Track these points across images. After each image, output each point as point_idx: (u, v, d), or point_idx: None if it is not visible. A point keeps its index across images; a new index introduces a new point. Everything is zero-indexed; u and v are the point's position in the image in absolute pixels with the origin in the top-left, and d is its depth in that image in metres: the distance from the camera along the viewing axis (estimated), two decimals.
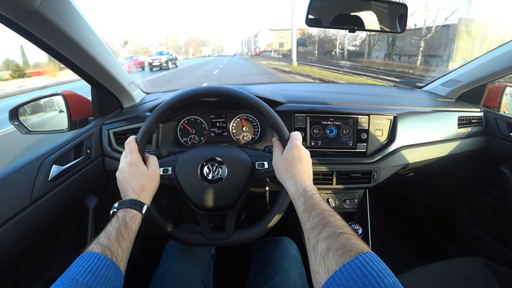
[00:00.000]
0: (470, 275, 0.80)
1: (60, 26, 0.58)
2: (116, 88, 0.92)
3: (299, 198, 0.51)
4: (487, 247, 1.16)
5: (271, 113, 0.64)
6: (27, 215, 0.62)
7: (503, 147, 1.04)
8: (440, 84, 1.23)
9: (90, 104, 0.96)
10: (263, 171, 0.66)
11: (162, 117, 0.65)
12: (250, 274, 0.78)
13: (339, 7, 0.90)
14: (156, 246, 0.86)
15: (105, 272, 0.41)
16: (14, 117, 0.86)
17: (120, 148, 0.90)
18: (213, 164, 0.67)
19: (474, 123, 1.08)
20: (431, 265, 0.82)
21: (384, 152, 0.92)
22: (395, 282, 0.32)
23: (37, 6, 0.50)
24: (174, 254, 0.73)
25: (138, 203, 0.54)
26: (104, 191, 0.89)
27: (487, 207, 1.18)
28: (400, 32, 0.90)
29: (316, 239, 0.41)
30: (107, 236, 0.46)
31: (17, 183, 0.62)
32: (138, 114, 0.94)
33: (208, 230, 0.66)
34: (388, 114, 0.94)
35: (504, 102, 1.14)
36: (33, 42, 0.61)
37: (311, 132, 0.92)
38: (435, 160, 1.00)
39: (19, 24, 0.53)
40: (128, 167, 0.58)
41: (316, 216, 0.45)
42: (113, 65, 0.83)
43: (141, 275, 0.80)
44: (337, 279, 0.34)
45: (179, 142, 0.95)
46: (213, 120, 0.96)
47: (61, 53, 0.67)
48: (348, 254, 0.36)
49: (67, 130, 0.90)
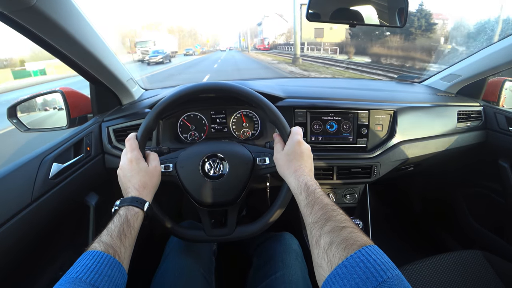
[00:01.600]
0: (469, 268, 0.81)
1: (58, 22, 0.57)
2: (115, 85, 0.92)
3: (301, 192, 0.51)
4: (486, 240, 1.18)
5: (272, 108, 0.64)
6: (28, 213, 0.61)
7: (502, 141, 1.05)
8: (440, 79, 1.23)
9: (89, 101, 0.95)
10: (265, 166, 0.67)
11: (162, 114, 0.65)
12: (251, 269, 0.78)
13: (339, 1, 0.89)
14: (158, 243, 0.87)
15: (109, 270, 0.41)
16: (12, 115, 0.86)
17: (120, 145, 0.90)
18: (214, 160, 0.67)
19: (474, 117, 1.08)
20: (430, 258, 0.83)
21: (384, 147, 0.92)
22: (398, 274, 0.33)
23: (34, 2, 0.49)
24: (176, 251, 0.74)
25: (140, 201, 0.54)
26: (104, 188, 0.89)
27: (486, 201, 1.19)
28: (400, 26, 0.90)
29: (318, 233, 0.41)
30: (110, 234, 0.46)
31: (18, 182, 0.62)
32: (137, 111, 0.94)
33: (210, 226, 0.67)
34: (388, 109, 0.94)
35: (503, 97, 1.14)
36: (30, 38, 0.60)
37: (311, 128, 0.92)
38: (435, 154, 1.00)
39: (16, 20, 0.53)
40: (129, 164, 0.58)
41: (319, 211, 0.45)
42: (111, 61, 0.82)
43: (143, 272, 0.80)
44: (340, 272, 0.34)
45: (179, 139, 0.94)
46: (213, 116, 0.95)
47: (59, 50, 0.66)
48: (351, 247, 0.36)
49: (66, 128, 0.90)
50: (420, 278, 0.78)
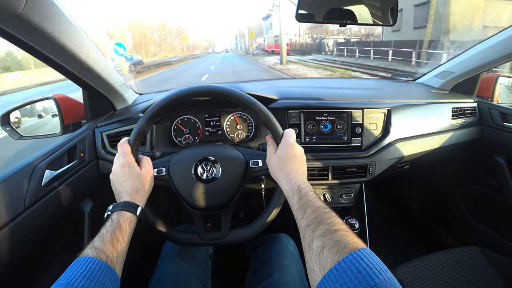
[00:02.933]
0: (467, 264, 0.81)
1: (46, 29, 0.57)
2: (107, 90, 0.91)
3: (293, 196, 0.51)
4: (484, 236, 1.18)
5: (264, 110, 0.64)
6: (21, 221, 0.61)
7: (497, 137, 1.05)
8: (434, 76, 1.23)
9: (82, 107, 0.95)
10: (258, 169, 0.66)
11: (155, 118, 0.65)
12: (248, 272, 0.78)
13: (330, 1, 0.89)
14: (154, 247, 0.86)
15: (101, 276, 0.41)
16: (5, 122, 0.85)
17: (114, 150, 0.90)
18: (207, 163, 0.67)
19: (468, 113, 1.09)
20: (428, 255, 0.83)
21: (379, 146, 0.92)
22: (390, 277, 0.32)
23: (21, 10, 0.49)
24: (172, 255, 0.73)
25: (132, 205, 0.53)
26: (99, 194, 0.88)
27: (482, 197, 1.19)
28: (391, 25, 0.90)
29: (311, 237, 0.41)
30: (102, 239, 0.46)
31: (10, 189, 0.62)
32: (131, 116, 0.94)
33: (204, 230, 0.66)
34: (382, 108, 0.94)
35: (497, 92, 1.14)
36: (19, 46, 0.60)
37: (305, 128, 0.92)
38: (430, 152, 1.00)
39: (3, 29, 0.53)
40: (121, 169, 0.58)
41: (311, 214, 0.45)
42: (103, 67, 0.82)
43: (139, 277, 0.80)
44: (332, 276, 0.34)
45: (173, 142, 0.94)
46: (207, 119, 0.95)
47: (49, 57, 0.66)
48: (343, 251, 0.36)
49: (60, 134, 0.89)
50: (419, 275, 0.78)
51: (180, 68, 19.34)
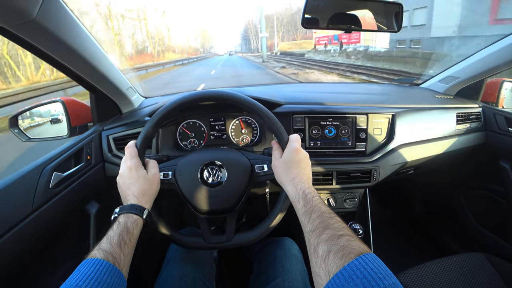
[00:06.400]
0: (472, 271, 0.80)
1: (58, 35, 0.58)
2: (114, 94, 0.93)
3: (298, 200, 0.51)
4: (489, 242, 1.17)
5: (270, 116, 0.64)
6: (29, 223, 0.62)
7: (502, 142, 1.05)
8: (438, 81, 1.23)
9: (89, 110, 0.96)
10: (263, 174, 0.67)
11: (161, 122, 0.66)
12: (252, 275, 0.78)
13: (335, 6, 0.89)
14: (159, 249, 0.87)
15: (108, 278, 0.41)
16: (14, 125, 0.87)
17: (120, 153, 0.90)
18: (212, 168, 0.67)
19: (473, 119, 1.08)
20: (433, 261, 0.83)
21: (383, 151, 0.92)
22: (395, 282, 0.33)
23: (34, 16, 0.50)
24: (177, 257, 0.74)
25: (139, 208, 0.54)
26: (105, 197, 0.89)
27: (487, 202, 1.18)
28: (396, 31, 0.90)
29: (316, 242, 0.42)
30: (109, 241, 0.46)
31: (18, 192, 0.63)
32: (137, 119, 0.95)
33: (209, 234, 0.67)
34: (386, 113, 0.94)
35: (502, 97, 1.14)
36: (30, 50, 0.61)
37: (310, 133, 0.93)
38: (435, 157, 1.00)
39: (16, 34, 0.54)
40: (128, 172, 0.58)
41: (316, 219, 0.45)
42: (111, 71, 0.83)
43: (144, 279, 0.80)
44: (337, 281, 0.34)
45: (178, 146, 0.95)
46: (212, 123, 0.96)
47: (59, 61, 0.67)
48: (348, 256, 0.36)
49: (67, 137, 0.90)
50: (424, 281, 0.77)
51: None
